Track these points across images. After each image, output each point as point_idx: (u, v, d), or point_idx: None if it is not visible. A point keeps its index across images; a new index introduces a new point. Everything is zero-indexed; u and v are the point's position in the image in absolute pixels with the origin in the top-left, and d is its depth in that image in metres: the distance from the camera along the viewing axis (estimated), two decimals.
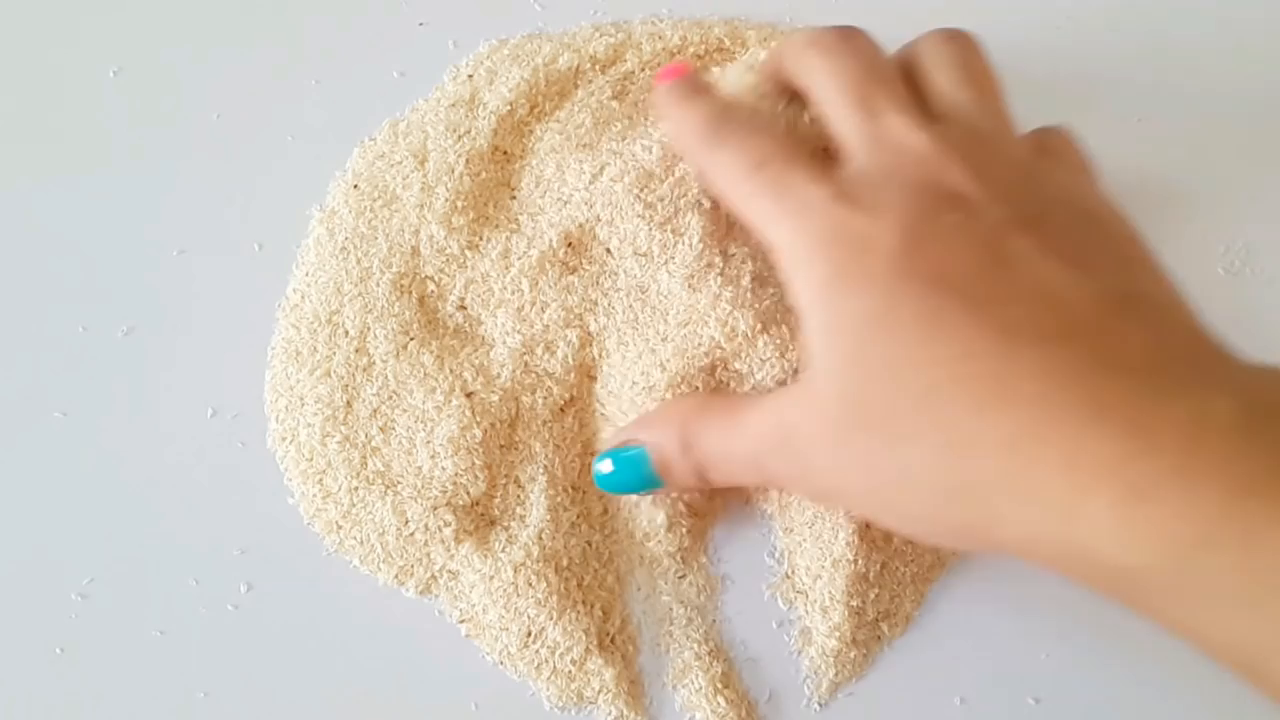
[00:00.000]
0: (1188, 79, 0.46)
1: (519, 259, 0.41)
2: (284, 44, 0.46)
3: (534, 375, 0.40)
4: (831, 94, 0.32)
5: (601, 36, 0.45)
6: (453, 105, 0.44)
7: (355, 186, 0.43)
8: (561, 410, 0.40)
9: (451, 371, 0.40)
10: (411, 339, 0.40)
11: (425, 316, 0.41)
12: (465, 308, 0.41)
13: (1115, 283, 0.26)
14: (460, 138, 0.43)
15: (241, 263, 0.43)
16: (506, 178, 0.43)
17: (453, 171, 0.42)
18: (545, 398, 0.40)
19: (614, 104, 0.43)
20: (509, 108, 0.43)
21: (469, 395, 0.39)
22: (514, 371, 0.40)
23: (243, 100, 0.45)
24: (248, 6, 0.46)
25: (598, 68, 0.44)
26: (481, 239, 0.41)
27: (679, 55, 0.45)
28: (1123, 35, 0.47)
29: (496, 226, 0.41)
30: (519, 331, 0.40)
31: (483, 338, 0.41)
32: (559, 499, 0.40)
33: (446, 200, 0.41)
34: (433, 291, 0.41)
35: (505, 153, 0.43)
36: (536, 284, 0.40)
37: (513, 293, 0.40)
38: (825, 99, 0.32)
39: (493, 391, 0.39)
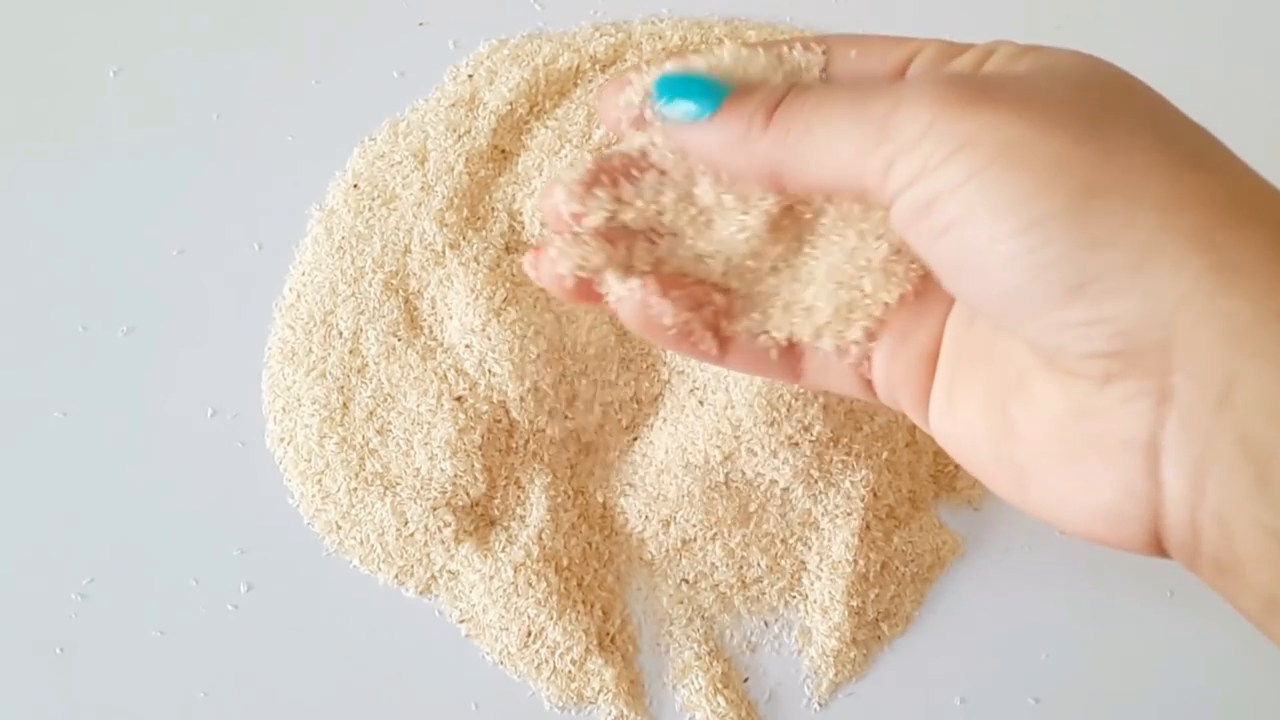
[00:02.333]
0: (1190, 78, 0.46)
1: (483, 264, 0.40)
2: (284, 44, 0.46)
3: (502, 382, 0.40)
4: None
5: (601, 36, 0.45)
6: (453, 105, 0.44)
7: (355, 186, 0.43)
8: (562, 415, 0.40)
9: (435, 374, 0.40)
10: (399, 340, 0.40)
11: (408, 315, 0.41)
12: (434, 307, 0.41)
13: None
14: (460, 137, 0.43)
15: (241, 263, 0.43)
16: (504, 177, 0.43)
17: (452, 171, 0.42)
18: (536, 404, 0.40)
19: None
20: (509, 107, 0.43)
21: (458, 399, 0.39)
22: (487, 377, 0.39)
23: (243, 100, 0.45)
24: (248, 6, 0.46)
25: (598, 67, 0.44)
26: (465, 239, 0.41)
27: (679, 55, 0.45)
28: (1122, 36, 0.47)
29: (478, 228, 0.41)
30: (470, 334, 0.40)
31: (448, 343, 0.40)
32: (559, 499, 0.40)
33: (444, 198, 0.41)
34: (414, 289, 0.41)
35: (504, 152, 0.43)
36: (491, 294, 0.40)
37: (468, 299, 0.40)
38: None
39: (480, 401, 0.39)
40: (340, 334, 0.41)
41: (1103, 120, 0.21)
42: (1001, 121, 0.20)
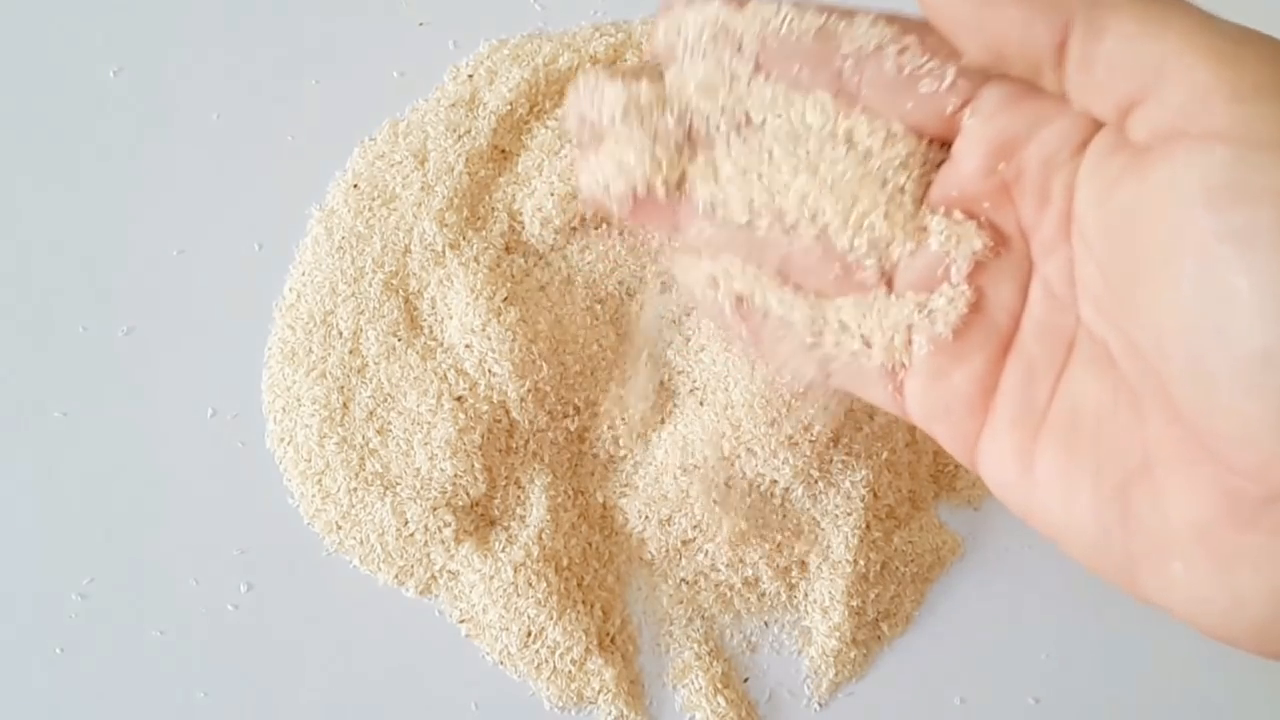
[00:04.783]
0: None
1: (482, 265, 0.40)
2: (284, 44, 0.46)
3: (502, 382, 0.40)
4: None
5: (601, 36, 0.45)
6: (453, 105, 0.44)
7: (355, 186, 0.43)
8: (562, 415, 0.40)
9: (435, 374, 0.40)
10: (399, 340, 0.40)
11: (408, 315, 0.41)
12: (434, 307, 0.41)
13: None
14: (460, 137, 0.43)
15: (241, 263, 0.43)
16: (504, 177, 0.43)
17: (452, 171, 0.42)
18: (536, 404, 0.40)
19: None
20: (509, 108, 0.43)
21: (458, 399, 0.39)
22: (487, 377, 0.39)
23: (243, 100, 0.45)
24: (248, 6, 0.46)
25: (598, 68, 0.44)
26: (465, 239, 0.41)
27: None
28: None
29: (478, 228, 0.41)
30: (470, 334, 0.40)
31: (448, 343, 0.40)
32: (559, 499, 0.40)
33: (444, 198, 0.41)
34: (414, 289, 0.41)
35: (504, 152, 0.43)
36: (491, 295, 0.40)
37: (468, 299, 0.40)
38: None
39: (480, 401, 0.39)
40: (340, 334, 0.41)
41: None
42: None
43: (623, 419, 0.40)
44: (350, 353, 0.41)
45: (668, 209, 0.27)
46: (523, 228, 0.42)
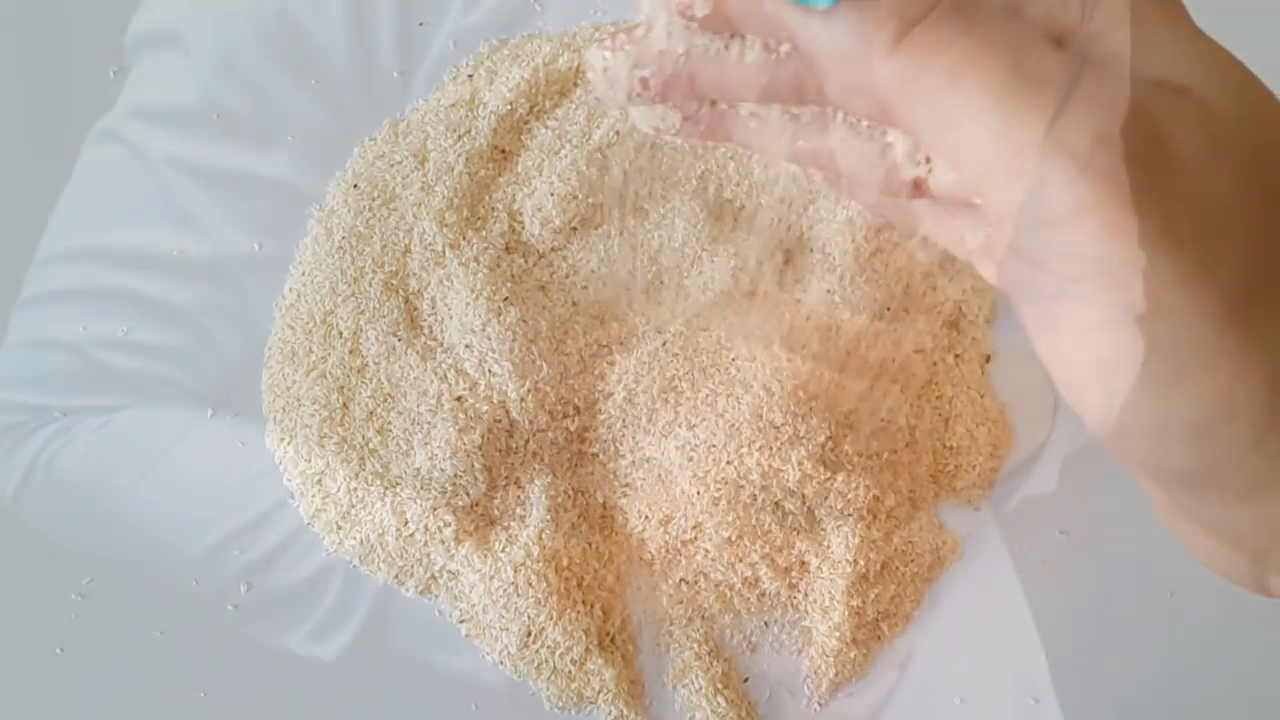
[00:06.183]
0: None
1: (483, 264, 0.40)
2: (285, 44, 0.46)
3: (502, 382, 0.40)
4: None
5: (602, 36, 0.45)
6: (453, 105, 0.44)
7: (355, 186, 0.43)
8: (561, 415, 0.40)
9: (435, 374, 0.40)
10: (399, 340, 0.40)
11: (408, 315, 0.41)
12: (434, 307, 0.41)
13: None
14: (460, 137, 0.43)
15: (241, 263, 0.43)
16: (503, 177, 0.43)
17: (452, 170, 0.42)
18: (536, 404, 0.40)
19: None
20: (509, 107, 0.43)
21: (458, 399, 0.39)
22: (487, 377, 0.39)
23: (243, 100, 0.45)
24: (249, 7, 0.46)
25: None
26: (464, 239, 0.41)
27: None
28: None
29: (478, 227, 0.41)
30: (470, 334, 0.40)
31: (448, 343, 0.40)
32: (559, 499, 0.40)
33: (444, 198, 0.41)
34: (414, 289, 0.41)
35: (504, 152, 0.43)
36: (491, 294, 0.40)
37: (468, 299, 0.40)
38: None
39: (480, 401, 0.39)
40: (340, 334, 0.41)
41: (1263, 286, 0.17)
42: (1157, 260, 0.16)
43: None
44: (350, 353, 0.41)
45: (717, 121, 0.24)
46: (523, 228, 0.42)
